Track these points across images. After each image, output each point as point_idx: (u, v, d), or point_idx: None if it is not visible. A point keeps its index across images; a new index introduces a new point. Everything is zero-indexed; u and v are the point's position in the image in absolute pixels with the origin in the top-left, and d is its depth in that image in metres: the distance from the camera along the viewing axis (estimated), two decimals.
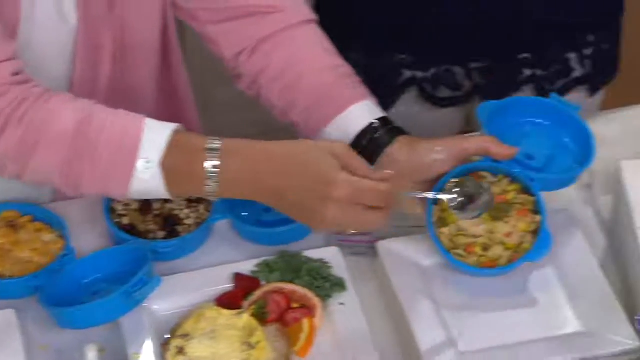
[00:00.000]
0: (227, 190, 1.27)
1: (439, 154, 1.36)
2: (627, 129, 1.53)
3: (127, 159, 1.27)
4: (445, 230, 1.36)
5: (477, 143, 1.36)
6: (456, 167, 1.37)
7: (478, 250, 1.35)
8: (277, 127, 1.50)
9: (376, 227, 1.28)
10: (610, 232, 1.45)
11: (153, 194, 1.29)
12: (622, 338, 1.30)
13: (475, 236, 1.36)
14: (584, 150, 1.39)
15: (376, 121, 1.39)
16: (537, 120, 1.42)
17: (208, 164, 1.26)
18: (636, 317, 1.20)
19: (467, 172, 1.37)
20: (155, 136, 1.27)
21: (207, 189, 1.27)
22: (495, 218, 1.36)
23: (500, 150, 1.36)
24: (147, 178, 1.27)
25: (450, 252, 1.36)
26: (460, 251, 1.35)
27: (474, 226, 1.36)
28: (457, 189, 1.34)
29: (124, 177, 1.27)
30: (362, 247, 1.46)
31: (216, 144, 1.26)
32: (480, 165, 1.38)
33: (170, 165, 1.27)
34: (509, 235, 1.36)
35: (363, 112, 1.40)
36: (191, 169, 1.26)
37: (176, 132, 1.28)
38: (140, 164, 1.26)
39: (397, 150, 1.36)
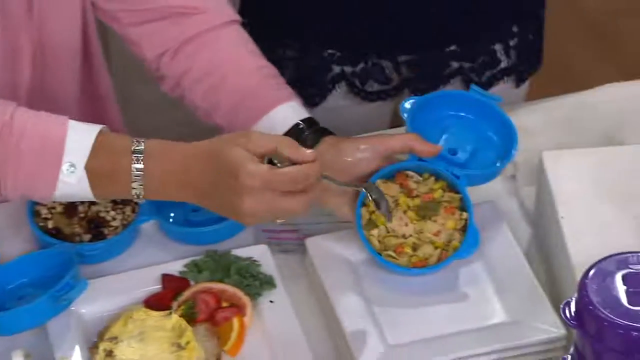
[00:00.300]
0: (153, 192, 1.27)
1: (364, 152, 1.36)
2: (549, 119, 1.55)
3: (51, 163, 1.25)
4: (374, 232, 1.37)
5: (401, 141, 1.37)
6: (382, 165, 1.37)
7: (408, 250, 1.36)
8: (202, 128, 1.50)
9: (300, 212, 1.26)
10: (534, 222, 1.46)
11: (79, 196, 1.28)
12: (548, 326, 1.32)
13: (404, 236, 1.37)
14: (507, 142, 1.40)
15: (301, 122, 1.39)
16: (460, 114, 1.43)
17: (133, 167, 1.25)
18: (561, 306, 1.21)
19: (394, 172, 1.38)
20: (80, 139, 1.26)
21: (133, 191, 1.26)
22: (424, 217, 1.37)
23: (424, 148, 1.36)
24: (73, 182, 1.26)
25: (380, 253, 1.36)
26: (390, 252, 1.36)
27: (403, 226, 1.37)
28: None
29: (49, 181, 1.26)
30: (291, 244, 1.46)
31: (140, 146, 1.26)
32: (406, 165, 1.38)
33: (95, 168, 1.26)
34: (437, 234, 1.37)
35: (288, 113, 1.40)
36: (116, 172, 1.26)
37: (100, 134, 1.27)
38: (65, 167, 1.25)
39: (324, 151, 1.37)
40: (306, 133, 1.39)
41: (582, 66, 2.57)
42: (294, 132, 1.39)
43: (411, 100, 1.40)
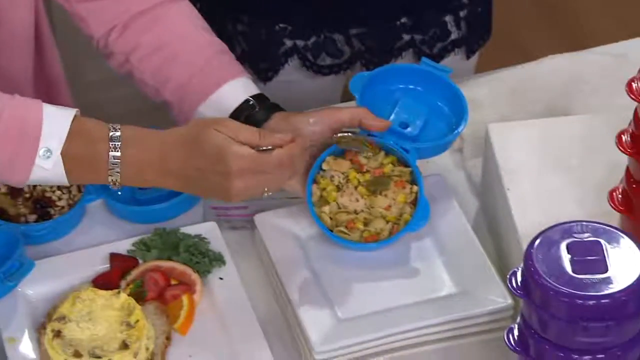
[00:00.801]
0: (130, 178, 1.27)
1: (314, 126, 1.37)
2: (495, 91, 1.55)
3: (28, 148, 1.25)
4: (325, 208, 1.37)
5: (350, 114, 1.37)
6: (333, 138, 1.37)
7: (359, 225, 1.37)
8: (151, 106, 1.49)
9: (284, 185, 1.31)
10: (481, 194, 1.47)
11: (53, 181, 1.28)
12: (496, 297, 1.32)
13: (355, 212, 1.37)
14: (457, 113, 1.41)
15: (252, 98, 1.39)
16: (410, 87, 1.43)
17: (110, 155, 1.26)
18: (507, 276, 1.22)
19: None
20: (56, 124, 1.26)
21: (109, 178, 1.27)
22: (375, 192, 1.37)
23: (373, 122, 1.37)
24: (48, 167, 1.26)
25: (332, 230, 1.36)
26: (342, 228, 1.36)
27: (354, 202, 1.37)
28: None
29: (25, 166, 1.25)
30: (241, 220, 1.46)
31: (117, 132, 1.26)
32: None
33: (72, 154, 1.26)
34: (388, 208, 1.37)
35: (238, 90, 1.40)
36: (93, 159, 1.26)
37: (75, 119, 1.26)
38: (41, 152, 1.25)
39: (274, 126, 1.37)
40: (257, 109, 1.39)
41: (531, 37, 2.58)
42: (245, 108, 1.39)
43: (359, 77, 1.40)
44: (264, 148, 1.28)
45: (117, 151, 1.26)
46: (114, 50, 1.44)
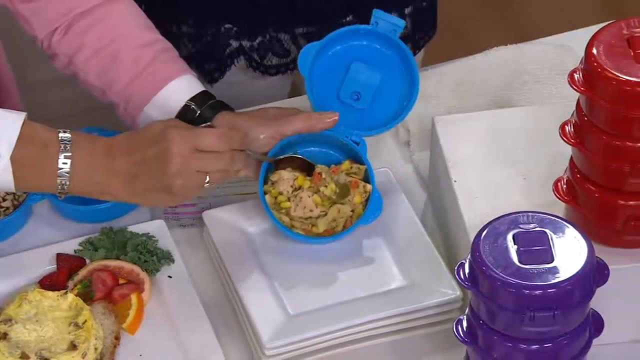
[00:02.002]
0: (80, 181, 1.26)
1: (264, 133, 1.36)
2: (441, 85, 1.56)
3: None
4: (283, 210, 1.37)
5: (299, 125, 1.36)
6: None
7: (315, 229, 1.37)
8: (98, 105, 1.48)
9: (227, 170, 1.29)
10: (429, 187, 1.48)
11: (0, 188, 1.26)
12: (444, 289, 1.33)
13: (311, 218, 1.37)
14: (409, 79, 1.39)
15: (194, 99, 1.38)
16: (363, 43, 1.41)
17: (60, 156, 1.25)
18: (455, 267, 1.23)
19: (293, 142, 1.37)
20: (5, 128, 1.24)
21: (59, 180, 1.26)
22: (340, 197, 1.37)
23: (323, 124, 1.37)
24: None
25: (290, 228, 1.36)
26: (298, 230, 1.36)
27: (308, 213, 1.36)
28: None
29: None
30: (189, 218, 1.45)
31: (67, 134, 1.26)
32: (304, 136, 1.37)
33: (21, 158, 1.25)
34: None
35: (181, 89, 1.39)
36: (43, 163, 1.25)
37: (25, 124, 1.25)
38: None
39: (220, 126, 1.36)
40: (201, 108, 1.38)
41: (475, 29, 2.60)
42: (188, 109, 1.38)
43: (309, 48, 1.38)
44: (204, 125, 1.28)
45: (68, 152, 1.25)
46: (57, 52, 1.43)
